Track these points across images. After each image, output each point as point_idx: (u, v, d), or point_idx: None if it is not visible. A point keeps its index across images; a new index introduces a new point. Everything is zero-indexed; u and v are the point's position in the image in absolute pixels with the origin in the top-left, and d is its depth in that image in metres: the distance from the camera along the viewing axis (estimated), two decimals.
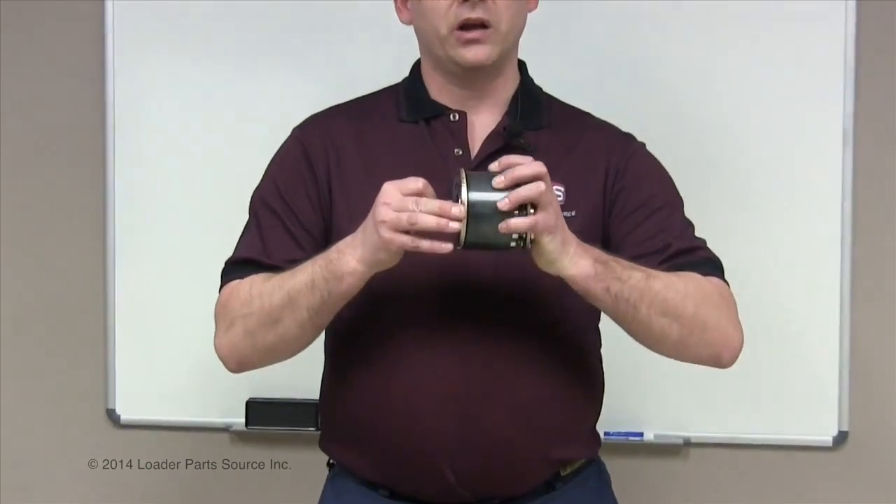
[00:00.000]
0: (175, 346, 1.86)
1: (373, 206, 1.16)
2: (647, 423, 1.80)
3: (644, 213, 1.31)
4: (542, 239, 1.14)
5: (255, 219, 1.33)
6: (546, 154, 1.29)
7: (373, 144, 1.33)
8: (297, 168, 1.32)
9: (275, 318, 1.23)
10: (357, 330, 1.31)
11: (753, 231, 1.77)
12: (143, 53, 1.85)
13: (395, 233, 1.13)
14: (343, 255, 1.19)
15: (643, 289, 1.21)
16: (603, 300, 1.20)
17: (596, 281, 1.19)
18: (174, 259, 1.86)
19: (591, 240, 1.28)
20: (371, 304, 1.26)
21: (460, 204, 1.12)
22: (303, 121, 1.38)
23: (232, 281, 1.30)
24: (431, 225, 1.12)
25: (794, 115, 1.77)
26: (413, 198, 1.13)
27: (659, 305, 1.21)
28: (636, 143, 1.38)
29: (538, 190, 1.13)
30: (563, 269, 1.17)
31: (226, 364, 1.29)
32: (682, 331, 1.22)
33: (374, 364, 1.29)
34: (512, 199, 1.12)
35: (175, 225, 1.86)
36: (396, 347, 1.28)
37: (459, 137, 1.32)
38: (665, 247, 1.29)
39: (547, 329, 1.30)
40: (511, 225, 1.12)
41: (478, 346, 1.27)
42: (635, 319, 1.21)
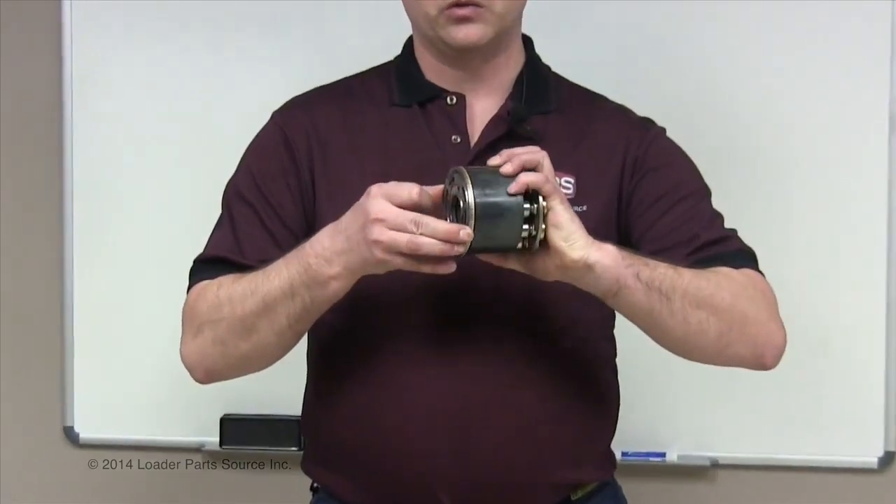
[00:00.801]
0: (141, 355, 1.86)
1: (359, 212, 1.15)
2: (669, 442, 1.80)
3: (667, 203, 1.30)
4: (556, 203, 1.13)
5: (229, 213, 1.33)
6: (555, 141, 1.30)
7: (361, 131, 1.32)
8: (276, 157, 1.32)
9: (248, 326, 1.23)
10: (343, 339, 1.31)
11: (788, 231, 1.77)
12: (103, 27, 1.84)
13: (392, 254, 1.13)
14: (325, 262, 1.18)
15: (673, 276, 1.19)
16: (633, 291, 1.17)
17: (626, 265, 1.16)
18: (140, 258, 1.86)
19: (605, 236, 1.25)
20: (359, 310, 1.26)
21: (468, 204, 1.11)
22: (283, 104, 1.37)
23: (200, 282, 1.29)
24: (436, 252, 1.11)
25: (835, 100, 1.76)
26: (412, 216, 1.12)
27: (693, 296, 1.19)
28: (656, 128, 1.37)
29: (539, 154, 1.13)
30: (583, 255, 1.14)
31: (192, 373, 1.29)
32: (720, 325, 1.20)
33: (363, 377, 1.29)
34: (514, 163, 1.13)
35: (141, 219, 1.86)
36: (387, 359, 1.28)
37: (458, 123, 1.32)
38: (692, 238, 1.28)
39: (554, 338, 1.29)
40: (520, 180, 1.11)
41: (476, 358, 1.27)
42: (670, 315, 1.19)
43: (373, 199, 1.14)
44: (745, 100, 1.78)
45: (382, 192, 1.14)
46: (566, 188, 1.30)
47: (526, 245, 1.14)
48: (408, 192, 1.14)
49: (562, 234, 1.14)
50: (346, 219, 1.18)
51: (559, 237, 1.14)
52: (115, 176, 1.87)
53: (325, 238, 1.19)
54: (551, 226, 1.14)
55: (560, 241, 1.14)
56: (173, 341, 1.32)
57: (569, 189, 1.30)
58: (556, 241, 1.14)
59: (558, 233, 1.14)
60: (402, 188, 1.14)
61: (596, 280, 1.17)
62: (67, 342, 1.90)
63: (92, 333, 1.89)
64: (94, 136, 1.87)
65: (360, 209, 1.15)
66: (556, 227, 1.14)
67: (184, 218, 1.71)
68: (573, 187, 1.30)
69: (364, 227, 1.14)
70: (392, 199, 1.13)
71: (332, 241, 1.18)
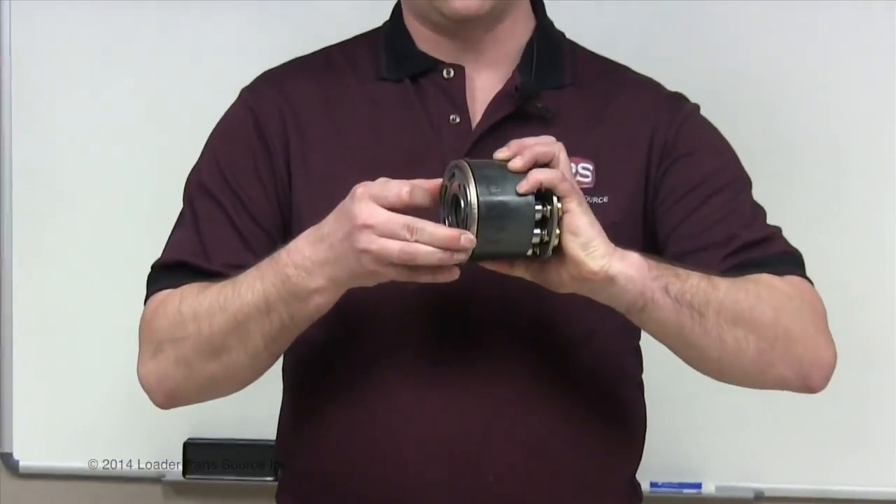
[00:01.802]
0: (91, 371, 1.85)
1: (344, 217, 1.14)
2: (706, 472, 1.79)
3: (701, 195, 1.29)
4: (573, 205, 1.12)
5: (191, 209, 1.32)
6: (570, 121, 1.30)
7: (344, 109, 1.32)
8: (245, 142, 1.31)
9: (217, 347, 1.23)
10: (325, 354, 1.30)
11: (835, 235, 1.76)
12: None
13: (383, 265, 1.13)
14: (305, 273, 1.17)
15: (706, 289, 1.19)
16: (661, 307, 1.17)
17: (652, 277, 1.16)
18: (90, 259, 1.85)
19: (630, 234, 1.27)
20: (343, 321, 1.25)
21: (471, 205, 1.10)
22: (254, 80, 1.37)
23: (160, 291, 1.29)
24: (433, 262, 1.11)
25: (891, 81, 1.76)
26: (405, 220, 1.11)
27: (729, 311, 1.19)
28: (688, 106, 1.36)
29: (553, 146, 1.13)
30: (603, 266, 1.13)
31: (152, 397, 1.29)
32: (760, 344, 1.20)
33: (348, 398, 1.28)
34: (526, 156, 1.12)
35: (91, 215, 1.85)
36: (376, 377, 1.27)
37: (456, 100, 1.31)
38: (729, 238, 1.27)
39: (568, 352, 1.29)
40: (533, 177, 1.11)
41: (479, 376, 1.26)
42: (703, 333, 1.19)
43: (358, 201, 1.13)
44: (791, 77, 1.78)
45: (369, 192, 1.13)
46: (583, 176, 1.29)
47: (537, 252, 1.14)
48: (397, 193, 1.12)
49: (579, 242, 1.13)
50: (329, 223, 1.17)
51: (576, 245, 1.13)
52: (59, 163, 1.86)
53: (305, 245, 1.18)
54: (567, 231, 1.13)
55: (577, 250, 1.13)
56: (129, 355, 1.31)
57: (587, 178, 1.29)
58: (573, 249, 1.13)
59: (575, 240, 1.13)
60: (390, 188, 1.13)
61: (618, 294, 1.16)
62: (5, 356, 1.89)
63: (33, 346, 1.88)
64: (35, 116, 1.86)
65: (345, 213, 1.14)
66: (573, 233, 1.13)
67: (142, 214, 1.73)
68: (591, 175, 1.29)
69: (350, 235, 1.13)
70: (380, 200, 1.12)
71: (313, 250, 1.17)
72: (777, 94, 1.78)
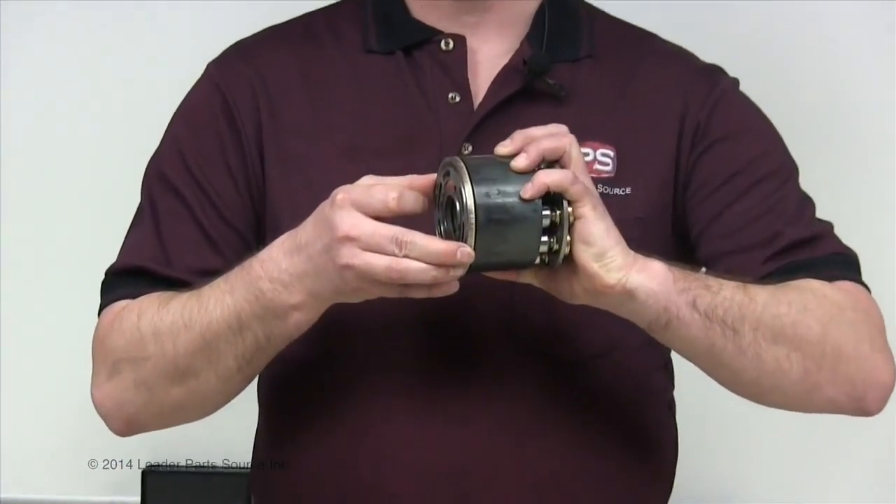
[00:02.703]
0: (37, 388, 1.86)
1: (323, 226, 1.13)
2: (745, 500, 1.80)
3: (739, 186, 1.28)
4: (586, 210, 1.12)
5: (151, 205, 1.31)
6: (588, 99, 1.29)
7: (327, 87, 1.31)
8: (212, 126, 1.30)
9: (182, 370, 1.23)
10: (306, 373, 1.29)
11: None
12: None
13: (370, 282, 1.13)
14: (282, 287, 1.17)
15: (742, 302, 1.18)
16: (687, 324, 1.17)
17: (678, 291, 1.16)
18: (37, 263, 1.86)
19: (656, 232, 1.27)
20: (327, 334, 1.24)
21: (467, 209, 1.09)
22: (222, 52, 1.36)
23: (115, 302, 1.28)
24: (426, 280, 1.11)
25: None
26: (393, 233, 1.10)
27: (769, 327, 1.19)
28: (725, 81, 1.35)
29: (565, 140, 1.12)
30: (620, 279, 1.13)
31: (109, 423, 1.28)
32: (806, 363, 1.20)
33: (333, 423, 1.28)
34: (531, 152, 1.12)
35: (37, 212, 1.85)
36: (364, 399, 1.27)
37: (456, 75, 1.30)
38: (772, 237, 1.27)
39: (586, 369, 1.28)
40: (538, 180, 1.10)
41: (483, 396, 1.25)
42: (738, 352, 1.19)
43: (338, 209, 1.12)
44: (846, 55, 1.82)
45: (351, 199, 1.12)
46: (603, 164, 1.28)
47: (545, 261, 1.14)
48: (383, 200, 1.12)
49: (592, 252, 1.13)
50: (307, 231, 1.16)
51: (589, 256, 1.13)
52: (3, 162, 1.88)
53: (281, 255, 1.18)
54: (579, 240, 1.13)
55: (590, 262, 1.13)
56: (80, 370, 1.30)
57: (606, 166, 1.28)
58: (586, 261, 1.13)
59: (588, 250, 1.13)
60: (375, 194, 1.12)
61: (638, 309, 1.16)
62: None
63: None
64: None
65: (324, 222, 1.14)
66: (585, 243, 1.13)
67: (96, 209, 1.75)
68: (612, 163, 1.29)
69: (330, 248, 1.13)
70: (364, 208, 1.12)
71: (290, 261, 1.17)
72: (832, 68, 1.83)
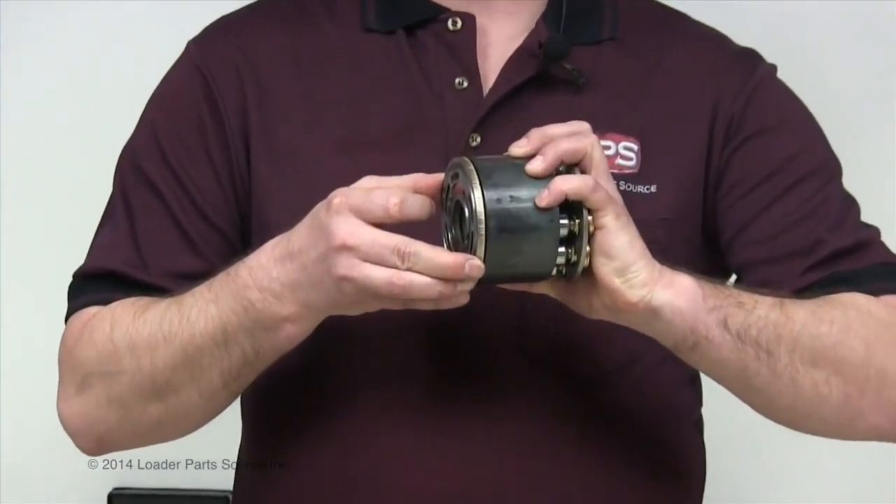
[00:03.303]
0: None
1: (319, 233, 1.12)
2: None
3: (776, 187, 1.28)
4: (608, 220, 1.11)
5: (124, 200, 1.30)
6: (610, 87, 1.29)
7: (321, 70, 1.30)
8: (192, 114, 1.30)
9: (161, 386, 1.22)
10: (297, 386, 1.28)
11: None
12: None
13: (370, 295, 1.12)
14: (273, 298, 1.16)
15: (778, 321, 1.18)
16: (717, 345, 1.17)
17: (707, 309, 1.16)
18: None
19: (684, 234, 1.28)
20: (320, 345, 1.23)
21: (476, 216, 1.09)
22: (204, 29, 1.35)
23: (84, 309, 1.27)
24: (431, 295, 1.10)
25: None
26: (395, 243, 1.09)
27: (807, 349, 1.19)
28: (762, 68, 1.34)
29: (586, 141, 1.12)
30: (649, 291, 1.13)
31: (78, 441, 1.28)
32: (847, 388, 1.20)
33: (326, 442, 1.26)
34: (548, 155, 1.11)
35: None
36: (361, 417, 1.26)
37: (464, 58, 1.29)
38: (813, 245, 1.26)
39: (605, 385, 1.28)
40: (555, 187, 1.09)
41: (491, 416, 1.25)
42: (772, 376, 1.19)
43: (335, 215, 1.11)
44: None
45: (349, 203, 1.11)
46: (626, 159, 1.28)
47: (563, 272, 1.13)
48: (384, 206, 1.10)
49: (614, 266, 1.12)
50: (301, 237, 1.15)
51: (610, 270, 1.12)
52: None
53: (271, 263, 1.16)
54: (600, 253, 1.12)
55: (611, 277, 1.13)
56: (39, 382, 1.33)
57: (630, 160, 1.28)
58: (606, 275, 1.13)
59: (609, 264, 1.12)
60: (375, 199, 1.11)
61: (663, 329, 1.16)
62: None
63: None
64: None
65: (320, 229, 1.12)
66: (607, 256, 1.12)
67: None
68: (636, 157, 1.28)
69: (326, 257, 1.12)
70: (364, 215, 1.11)
71: (281, 269, 1.16)
72: None
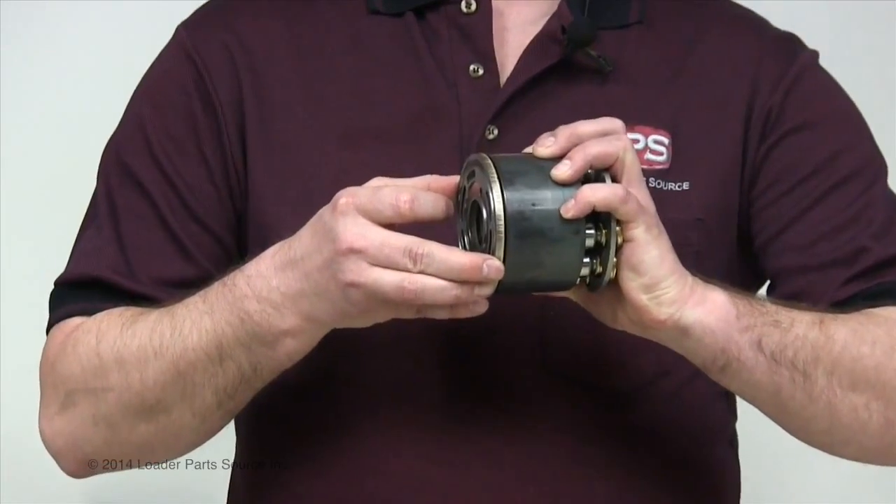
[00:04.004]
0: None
1: (324, 235, 1.11)
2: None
3: (818, 188, 1.27)
4: (638, 232, 1.11)
5: (109, 200, 1.29)
6: (638, 75, 1.28)
7: (322, 56, 1.29)
8: (183, 106, 1.29)
9: (151, 405, 1.21)
10: (298, 403, 1.27)
11: None
12: None
13: (380, 303, 1.11)
14: (272, 309, 1.15)
15: (817, 342, 1.18)
16: (749, 367, 1.17)
17: (740, 329, 1.15)
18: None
19: (720, 237, 1.27)
20: (324, 358, 1.21)
21: (495, 217, 1.08)
22: (194, 12, 1.34)
23: (67, 319, 1.27)
24: (445, 300, 1.08)
25: None
26: (406, 243, 1.08)
27: (847, 371, 1.19)
28: (803, 55, 1.33)
29: (619, 144, 1.11)
30: (678, 309, 1.13)
31: (61, 462, 1.28)
32: (888, 413, 1.21)
33: (329, 466, 1.25)
34: (576, 159, 1.09)
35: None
36: (367, 438, 1.25)
37: (479, 43, 1.28)
38: (856, 253, 1.26)
39: (633, 400, 1.27)
40: (583, 197, 1.08)
41: (511, 433, 1.24)
42: (807, 399, 1.19)
43: (342, 216, 1.09)
44: None
45: (356, 203, 1.09)
46: (656, 153, 1.27)
47: (587, 282, 1.13)
48: (393, 204, 1.09)
49: (641, 282, 1.12)
50: (304, 242, 1.14)
51: (637, 286, 1.12)
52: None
53: (271, 271, 1.15)
54: (627, 268, 1.12)
55: (638, 294, 1.12)
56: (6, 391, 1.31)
57: (660, 155, 1.27)
58: (633, 290, 1.12)
59: (636, 279, 1.12)
60: (384, 197, 1.09)
61: (692, 347, 1.16)
62: None
63: None
64: None
65: (325, 232, 1.11)
66: (634, 271, 1.11)
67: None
68: (667, 151, 1.27)
69: (332, 262, 1.10)
70: (372, 215, 1.09)
71: (282, 278, 1.14)
72: None
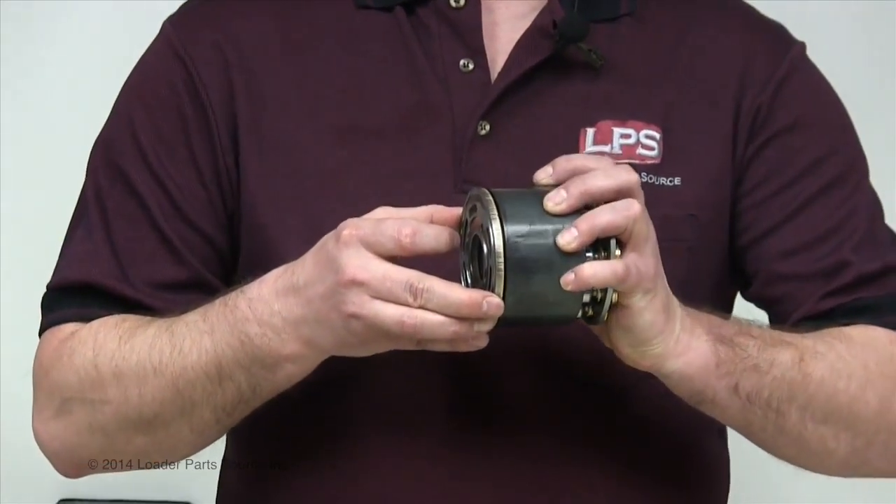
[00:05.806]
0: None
1: (327, 265, 1.11)
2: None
3: (805, 192, 1.27)
4: (633, 301, 1.12)
5: (98, 202, 1.28)
6: (628, 69, 1.27)
7: (313, 53, 1.29)
8: (172, 105, 1.28)
9: (149, 420, 1.22)
10: (297, 417, 1.26)
11: None
12: None
13: (381, 335, 1.11)
14: (273, 333, 1.15)
15: (794, 381, 1.20)
16: (723, 407, 1.20)
17: (718, 376, 1.18)
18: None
19: (712, 235, 1.26)
20: (324, 375, 1.21)
21: (494, 253, 1.08)
22: (181, 7, 1.34)
23: (60, 325, 1.26)
24: (444, 336, 1.09)
25: None
26: (407, 277, 1.09)
27: (820, 408, 1.21)
28: (794, 49, 1.33)
29: (629, 215, 1.11)
30: (661, 360, 1.17)
31: (55, 463, 1.28)
32: (855, 442, 1.23)
33: (327, 483, 1.25)
34: (583, 230, 1.10)
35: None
36: (369, 452, 1.24)
37: (469, 38, 1.28)
38: (837, 267, 1.26)
39: (626, 397, 1.27)
40: (582, 277, 1.09)
41: (507, 436, 1.24)
42: (777, 432, 1.22)
43: (345, 247, 1.10)
44: None
45: (360, 235, 1.10)
46: (647, 148, 1.27)
47: (588, 313, 1.15)
48: (395, 237, 1.10)
49: (628, 340, 1.15)
50: (307, 270, 1.14)
51: (624, 342, 1.16)
52: None
53: (273, 295, 1.16)
54: (616, 326, 1.15)
55: (625, 346, 1.16)
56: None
57: (652, 150, 1.26)
58: (619, 343, 1.16)
59: (625, 337, 1.15)
60: (386, 230, 1.10)
61: (670, 385, 1.21)
62: None
63: None
64: None
65: (328, 262, 1.12)
66: (624, 330, 1.14)
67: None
68: (658, 146, 1.27)
69: (334, 293, 1.11)
70: (374, 248, 1.10)
71: (283, 303, 1.15)
72: None
